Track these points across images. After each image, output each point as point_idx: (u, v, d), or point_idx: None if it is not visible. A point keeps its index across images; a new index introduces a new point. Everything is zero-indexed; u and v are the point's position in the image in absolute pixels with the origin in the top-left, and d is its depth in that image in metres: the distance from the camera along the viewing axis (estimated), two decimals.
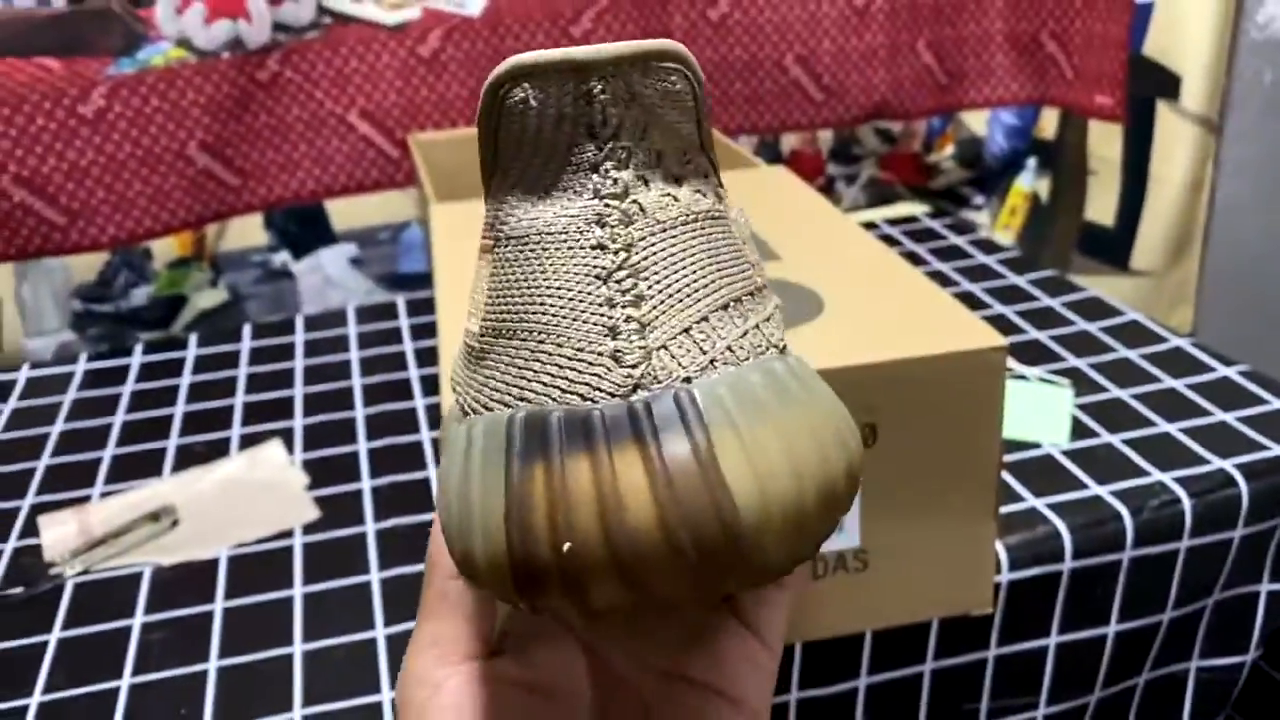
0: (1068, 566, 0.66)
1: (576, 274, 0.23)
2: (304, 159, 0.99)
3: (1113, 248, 1.11)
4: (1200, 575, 0.70)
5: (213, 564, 0.68)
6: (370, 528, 0.70)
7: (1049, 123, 1.17)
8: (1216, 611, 0.73)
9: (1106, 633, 0.69)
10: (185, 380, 0.91)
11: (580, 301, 0.23)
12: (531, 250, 0.23)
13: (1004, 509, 0.68)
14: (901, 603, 0.61)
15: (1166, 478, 0.70)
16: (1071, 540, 0.66)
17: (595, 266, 0.23)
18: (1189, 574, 0.70)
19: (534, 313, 0.23)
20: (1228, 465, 0.71)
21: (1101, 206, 1.12)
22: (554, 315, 0.23)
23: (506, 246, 0.24)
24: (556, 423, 0.22)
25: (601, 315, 0.23)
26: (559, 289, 0.23)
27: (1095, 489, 0.70)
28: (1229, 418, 0.77)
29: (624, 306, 0.23)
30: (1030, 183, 1.19)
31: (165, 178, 0.94)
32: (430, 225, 0.75)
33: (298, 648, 0.61)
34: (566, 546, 0.21)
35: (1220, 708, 0.76)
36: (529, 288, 0.23)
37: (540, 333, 0.23)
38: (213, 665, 0.60)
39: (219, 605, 0.65)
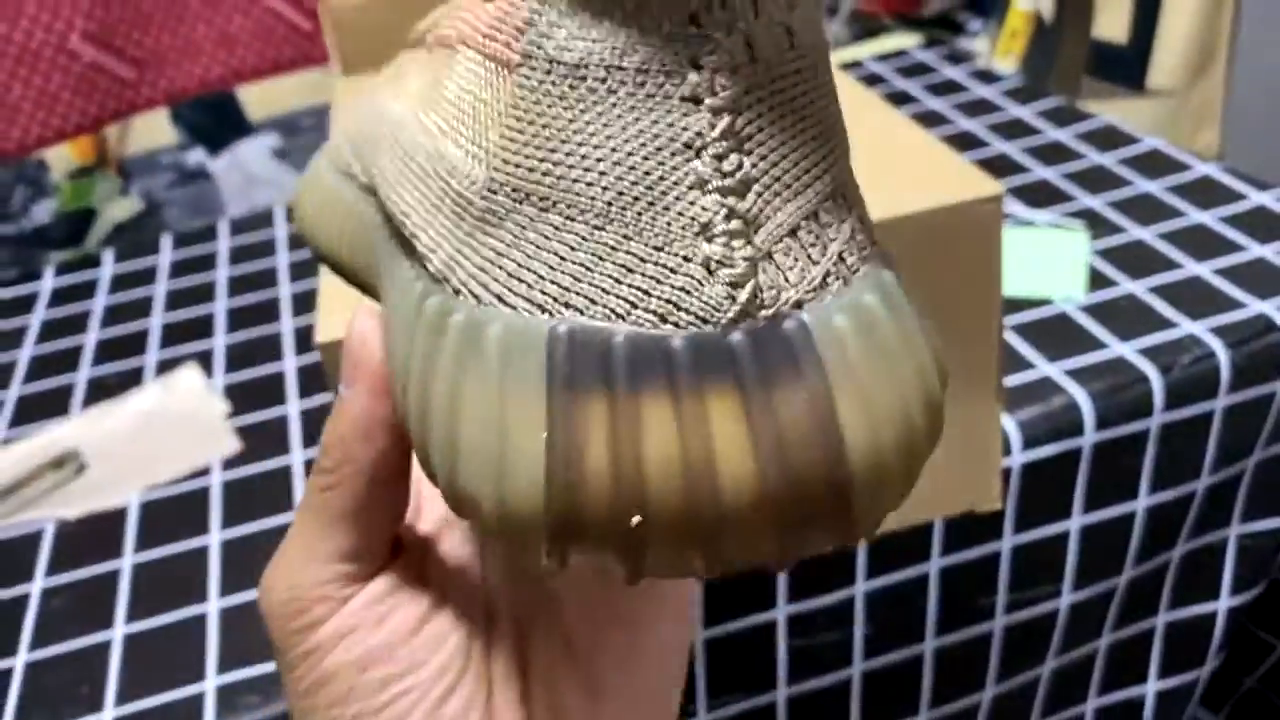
0: (1089, 440, 0.58)
1: (657, 136, 0.16)
2: (205, 41, 0.87)
3: (1127, 66, 0.99)
4: (1240, 435, 0.62)
5: (121, 513, 0.60)
6: (297, 458, 0.62)
7: None
8: (1258, 472, 0.65)
9: (1135, 509, 0.61)
10: (100, 303, 0.82)
11: (661, 179, 0.16)
12: (590, 88, 0.16)
13: (1013, 378, 0.59)
14: None
15: (1199, 328, 0.61)
16: (1093, 409, 0.57)
17: (685, 130, 0.16)
18: (1227, 435, 0.61)
19: (586, 182, 0.17)
20: (1268, 308, 0.62)
21: (1112, 20, 1.00)
22: (618, 192, 0.17)
23: (548, 73, 0.17)
24: (623, 349, 0.16)
25: (691, 203, 0.16)
26: (629, 154, 0.16)
27: (1117, 348, 0.61)
28: (1267, 252, 0.67)
29: (724, 194, 0.16)
30: (1031, 2, 1.06)
31: (48, 77, 0.83)
32: (332, 104, 0.65)
33: (213, 605, 0.54)
34: (636, 519, 0.16)
35: (1263, 575, 0.69)
36: (580, 144, 0.17)
37: (595, 214, 0.17)
38: (118, 632, 0.53)
39: (127, 561, 0.57)
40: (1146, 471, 0.60)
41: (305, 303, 0.77)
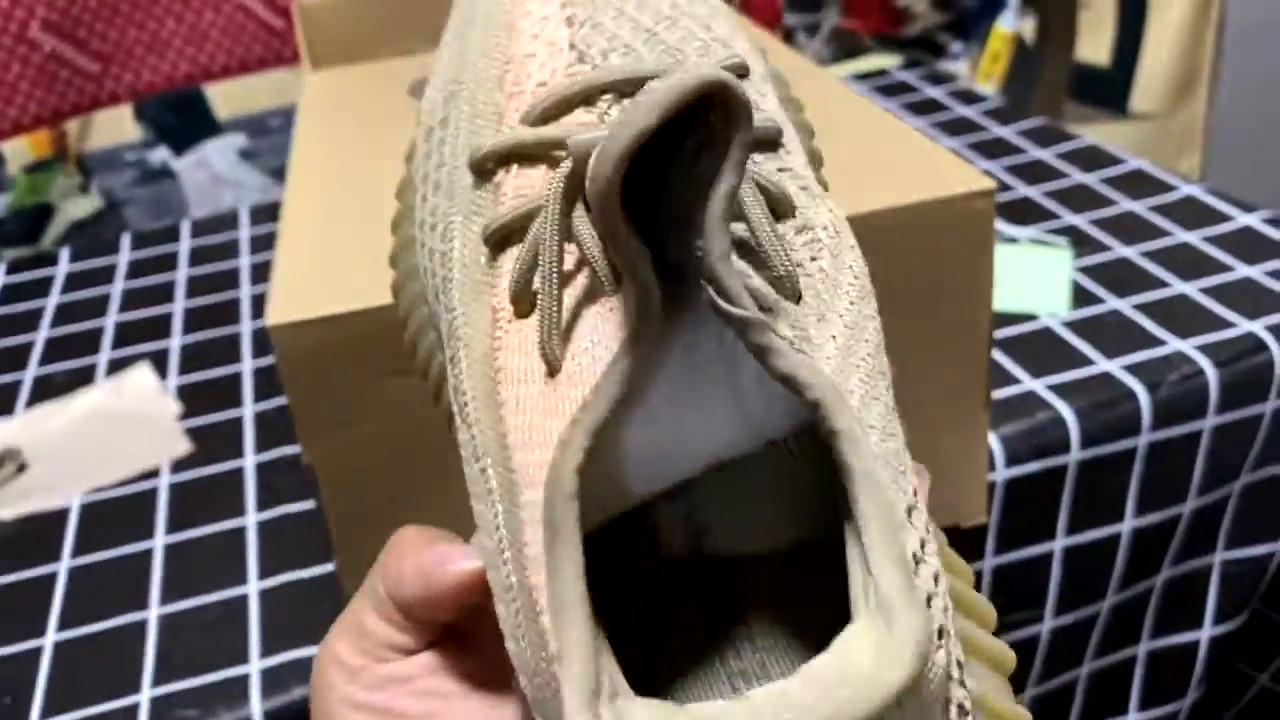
0: (1074, 458, 0.56)
1: None
2: (173, 37, 0.85)
3: (1110, 89, 0.98)
4: (1227, 457, 0.60)
5: (62, 515, 0.57)
6: (249, 461, 0.59)
7: None
8: (1244, 496, 0.63)
9: (1120, 531, 0.59)
10: (52, 301, 0.79)
11: None
12: None
13: (997, 393, 0.57)
14: None
15: (1186, 346, 0.59)
16: (1078, 426, 0.55)
17: None
18: (1215, 456, 0.60)
19: None
20: (1256, 327, 0.60)
21: (1095, 43, 0.99)
22: None
23: None
24: None
25: None
26: None
27: (1104, 364, 0.59)
28: (1254, 272, 0.66)
29: None
30: (1013, 23, 1.05)
31: (6, 66, 0.80)
32: (300, 100, 0.62)
33: (153, 612, 0.50)
34: None
35: (1247, 601, 0.67)
36: None
37: None
38: (49, 640, 0.50)
39: (64, 564, 0.54)
40: (1133, 492, 0.58)
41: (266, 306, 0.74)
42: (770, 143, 0.22)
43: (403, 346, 0.29)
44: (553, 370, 0.19)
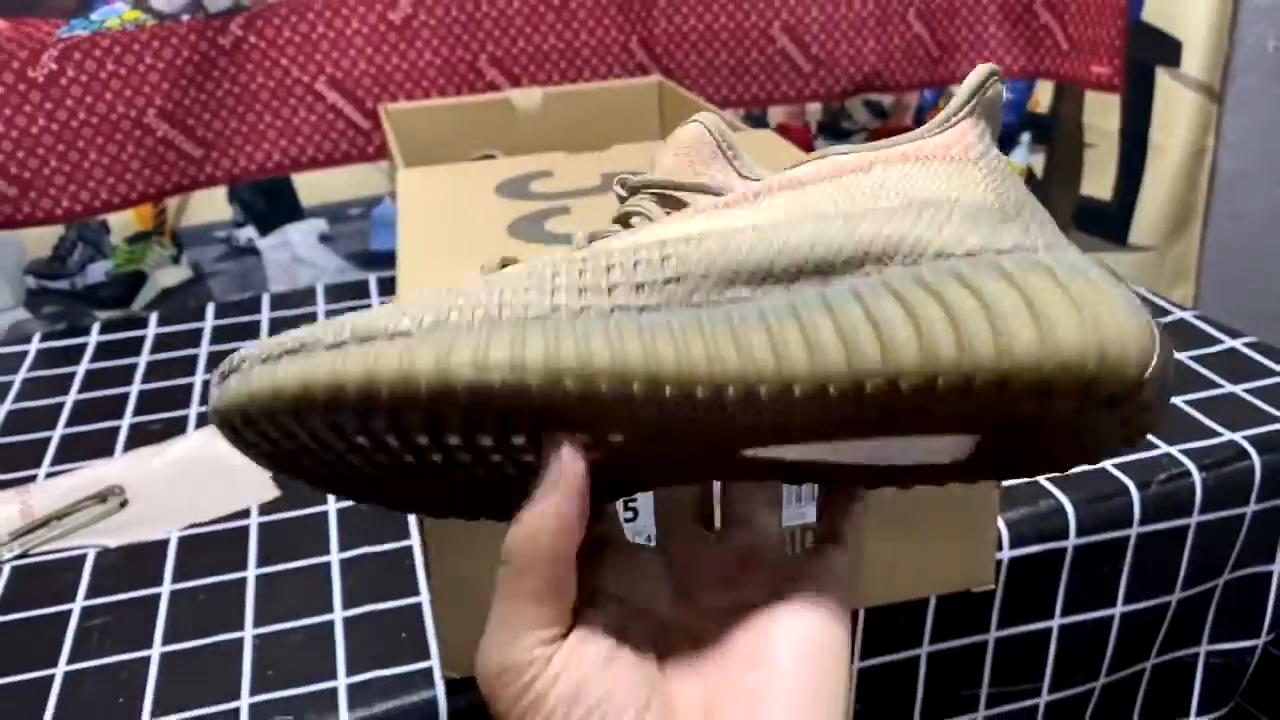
0: (1072, 543, 0.62)
1: None
2: (269, 130, 0.94)
3: (1111, 223, 1.07)
4: (1210, 554, 0.67)
5: (161, 546, 0.64)
6: (332, 507, 0.66)
7: (1043, 95, 1.13)
8: (1226, 593, 0.69)
9: (1113, 614, 0.65)
10: (143, 359, 0.86)
11: None
12: None
13: (1005, 482, 0.64)
14: (895, 579, 0.57)
15: (1175, 450, 0.66)
16: (1076, 515, 0.62)
17: None
18: (1199, 552, 0.66)
19: None
20: (1238, 438, 0.67)
21: (1099, 180, 1.08)
22: None
23: None
24: None
25: None
26: None
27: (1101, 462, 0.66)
28: (1238, 389, 0.73)
29: None
30: (1024, 158, 1.15)
31: (122, 147, 0.89)
32: (397, 191, 0.71)
33: (248, 632, 0.57)
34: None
35: (1230, 694, 0.72)
36: None
37: None
38: (156, 651, 0.56)
39: (166, 589, 0.60)
40: (1124, 579, 0.65)
41: None
42: None
43: None
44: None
